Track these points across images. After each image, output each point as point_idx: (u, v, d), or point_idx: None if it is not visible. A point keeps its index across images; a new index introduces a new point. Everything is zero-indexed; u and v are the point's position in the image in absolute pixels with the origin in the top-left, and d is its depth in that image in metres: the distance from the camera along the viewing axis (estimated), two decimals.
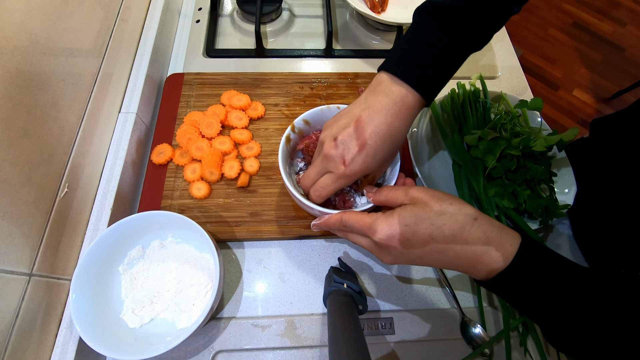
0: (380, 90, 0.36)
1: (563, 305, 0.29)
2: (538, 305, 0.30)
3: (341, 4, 0.74)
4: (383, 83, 0.36)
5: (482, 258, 0.31)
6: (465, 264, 0.32)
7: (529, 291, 0.30)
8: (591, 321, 0.28)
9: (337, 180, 0.37)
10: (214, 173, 0.50)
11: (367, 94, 0.37)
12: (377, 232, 0.33)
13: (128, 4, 0.55)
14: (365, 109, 0.36)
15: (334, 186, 0.38)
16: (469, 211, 0.32)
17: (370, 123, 0.35)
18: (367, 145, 0.35)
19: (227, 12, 0.71)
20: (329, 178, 0.38)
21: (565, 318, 0.29)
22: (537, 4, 2.01)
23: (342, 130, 0.36)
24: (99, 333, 0.38)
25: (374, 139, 0.35)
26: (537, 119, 0.56)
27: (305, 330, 0.45)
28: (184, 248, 0.46)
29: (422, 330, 0.46)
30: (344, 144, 0.36)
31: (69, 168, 0.42)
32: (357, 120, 0.36)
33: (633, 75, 1.71)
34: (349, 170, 0.35)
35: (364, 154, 0.35)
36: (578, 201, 0.51)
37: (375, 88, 0.37)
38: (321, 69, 0.65)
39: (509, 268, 0.30)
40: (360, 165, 0.35)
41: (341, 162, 0.36)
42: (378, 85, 0.36)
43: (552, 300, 0.29)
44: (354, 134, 0.35)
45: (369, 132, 0.35)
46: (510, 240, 0.31)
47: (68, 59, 0.42)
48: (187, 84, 0.58)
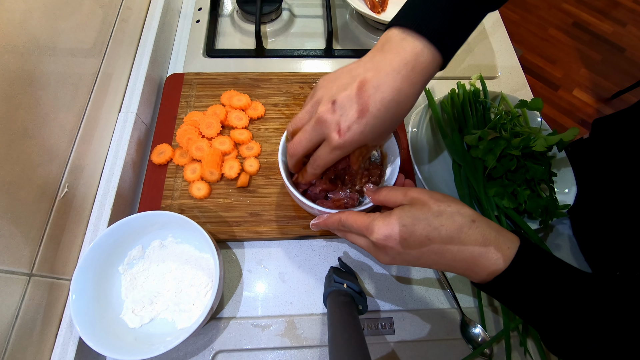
0: (390, 47, 0.31)
1: (563, 309, 0.28)
2: (537, 309, 0.30)
3: (341, 4, 0.74)
4: (393, 39, 0.32)
5: (480, 260, 0.30)
6: (462, 265, 0.31)
7: (528, 295, 0.30)
8: (592, 325, 0.27)
9: (332, 152, 0.33)
10: (214, 173, 0.50)
11: (374, 53, 0.33)
12: (375, 232, 0.33)
13: (128, 4, 0.55)
14: (371, 69, 0.31)
15: (328, 158, 0.33)
16: (467, 213, 0.31)
17: (376, 87, 0.30)
18: (368, 113, 0.31)
19: (227, 12, 0.71)
20: (323, 149, 0.33)
21: (565, 322, 0.28)
22: (537, 4, 2.01)
23: (342, 92, 0.31)
24: (99, 333, 0.38)
25: (377, 107, 0.31)
26: (537, 119, 0.56)
27: (305, 330, 0.45)
28: (184, 248, 0.46)
29: (422, 330, 0.46)
30: (342, 109, 0.31)
31: (69, 168, 0.42)
32: (360, 81, 0.31)
33: (633, 75, 1.71)
34: (342, 140, 0.31)
35: (363, 123, 0.31)
36: (578, 201, 0.51)
37: (383, 46, 0.32)
38: (321, 69, 0.65)
39: (506, 271, 0.29)
40: (358, 136, 0.31)
41: (336, 129, 0.31)
42: (387, 42, 0.32)
43: (551, 303, 0.29)
44: (355, 97, 0.31)
45: (372, 98, 0.30)
46: (509, 243, 0.30)
47: (68, 59, 0.42)
48: (187, 84, 0.58)
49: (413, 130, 0.56)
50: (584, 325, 0.28)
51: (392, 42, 0.32)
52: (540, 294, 0.29)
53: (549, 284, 0.29)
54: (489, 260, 0.30)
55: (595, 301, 0.28)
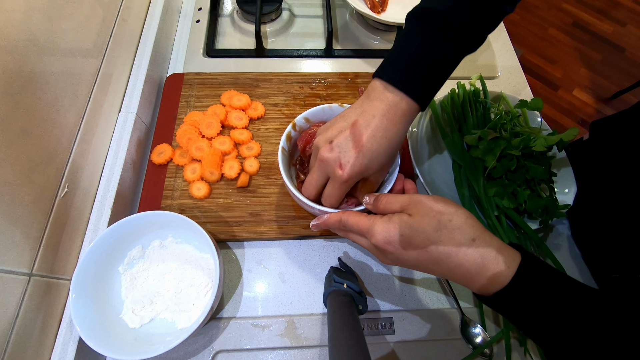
0: (375, 96, 0.36)
1: (566, 325, 0.28)
2: (539, 326, 0.30)
3: (341, 4, 0.74)
4: (377, 90, 0.36)
5: (477, 278, 0.31)
6: (460, 278, 0.32)
7: (529, 312, 0.30)
8: (596, 341, 0.27)
9: (340, 187, 0.37)
10: (214, 173, 0.50)
11: (362, 100, 0.37)
12: (374, 235, 0.33)
13: (128, 4, 0.55)
14: (362, 114, 0.36)
15: (338, 192, 0.38)
16: (468, 231, 0.31)
17: (367, 126, 0.35)
18: (363, 148, 0.35)
19: (227, 12, 0.71)
20: (330, 187, 0.38)
21: (569, 338, 0.28)
22: (537, 4, 2.01)
23: (338, 134, 0.36)
24: (99, 333, 0.38)
25: (370, 142, 0.35)
26: (537, 119, 0.56)
27: (305, 330, 0.45)
28: (184, 248, 0.46)
29: (422, 330, 0.46)
30: (339, 147, 0.35)
31: (69, 168, 0.42)
32: (353, 124, 0.36)
33: (633, 75, 1.71)
34: (346, 174, 0.35)
35: (361, 156, 0.35)
36: (578, 201, 0.51)
37: (370, 94, 0.37)
38: (321, 69, 0.65)
39: (506, 289, 0.30)
40: (358, 167, 0.35)
41: (338, 165, 0.35)
42: (373, 91, 0.37)
43: (554, 320, 0.28)
44: (350, 136, 0.35)
45: (365, 135, 0.35)
46: (509, 262, 0.30)
47: (68, 59, 0.42)
48: (187, 84, 0.58)
49: (413, 130, 0.56)
50: (588, 342, 0.27)
51: (376, 91, 0.36)
52: (542, 311, 0.29)
53: (551, 301, 0.29)
54: (487, 278, 0.30)
55: (599, 317, 0.27)
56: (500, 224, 0.48)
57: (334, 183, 0.37)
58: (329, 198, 0.39)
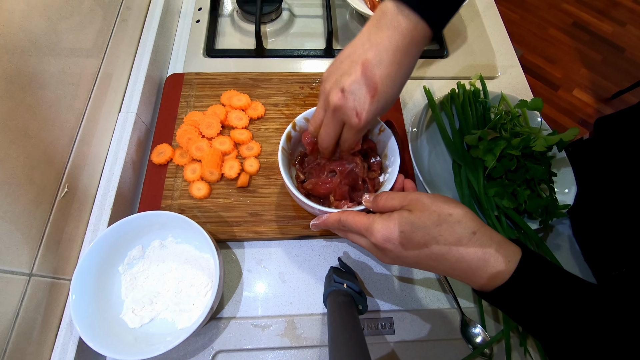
0: (386, 22, 0.32)
1: (566, 321, 0.28)
2: (539, 321, 0.29)
3: (341, 4, 0.74)
4: (388, 14, 0.32)
5: (477, 272, 0.30)
6: (460, 274, 0.32)
7: (529, 307, 0.29)
8: (597, 337, 0.27)
9: (357, 133, 0.36)
10: (214, 173, 0.50)
11: (370, 29, 0.33)
12: (374, 234, 0.33)
13: (128, 4, 0.55)
14: (371, 48, 0.32)
15: (355, 139, 0.38)
16: (468, 224, 0.31)
17: (379, 65, 0.32)
18: (378, 90, 0.32)
19: (227, 12, 0.71)
20: (347, 132, 0.37)
21: (569, 334, 0.28)
22: (537, 4, 2.01)
23: (348, 77, 0.33)
24: (99, 333, 0.38)
25: (384, 83, 0.32)
26: (537, 119, 0.56)
27: (305, 330, 0.45)
28: (184, 248, 0.46)
29: (422, 330, 0.46)
30: (353, 94, 0.33)
31: (69, 168, 0.42)
32: (363, 63, 0.32)
33: (633, 75, 1.71)
34: (363, 121, 0.33)
35: (376, 101, 0.32)
36: (578, 201, 0.51)
37: (379, 20, 0.33)
38: (321, 69, 0.65)
39: (507, 284, 0.29)
40: (374, 112, 0.33)
41: (354, 114, 0.33)
42: (383, 16, 0.33)
43: (554, 316, 0.28)
44: (362, 79, 0.32)
45: (379, 76, 0.32)
46: (510, 257, 0.30)
47: (68, 59, 0.42)
48: (187, 84, 0.58)
49: (413, 130, 0.56)
50: (588, 337, 0.27)
51: (387, 16, 0.32)
52: (542, 307, 0.29)
53: (551, 296, 0.28)
54: (487, 273, 0.30)
55: (600, 313, 0.27)
56: (500, 224, 0.48)
57: (350, 129, 0.36)
58: (346, 143, 0.38)
